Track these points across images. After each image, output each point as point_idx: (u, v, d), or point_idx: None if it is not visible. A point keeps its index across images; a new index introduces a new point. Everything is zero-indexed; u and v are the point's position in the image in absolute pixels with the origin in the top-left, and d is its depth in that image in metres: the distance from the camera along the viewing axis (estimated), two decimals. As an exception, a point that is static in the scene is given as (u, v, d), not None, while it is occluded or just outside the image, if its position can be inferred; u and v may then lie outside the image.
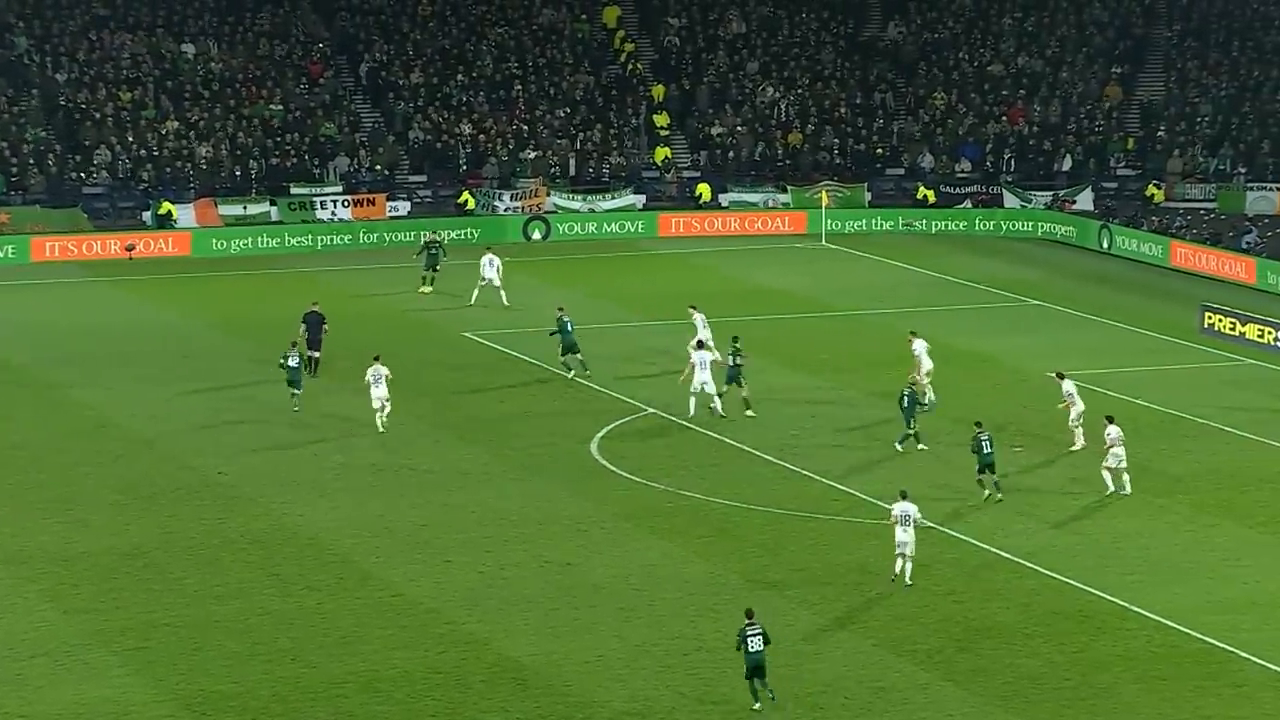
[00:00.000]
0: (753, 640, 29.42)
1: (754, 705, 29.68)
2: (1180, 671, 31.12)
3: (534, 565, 36.21)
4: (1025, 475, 41.38)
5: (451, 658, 31.81)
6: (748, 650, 29.45)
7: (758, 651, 29.31)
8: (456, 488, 41.07)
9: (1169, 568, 35.96)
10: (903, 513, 35.22)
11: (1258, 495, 40.42)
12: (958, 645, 32.19)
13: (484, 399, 48.49)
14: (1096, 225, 70.18)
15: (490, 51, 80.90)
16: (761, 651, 29.33)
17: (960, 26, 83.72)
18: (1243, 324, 54.27)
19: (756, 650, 29.33)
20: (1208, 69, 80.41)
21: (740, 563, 36.14)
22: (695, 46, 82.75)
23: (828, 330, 55.37)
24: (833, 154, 78.21)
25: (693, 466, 42.40)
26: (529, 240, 71.59)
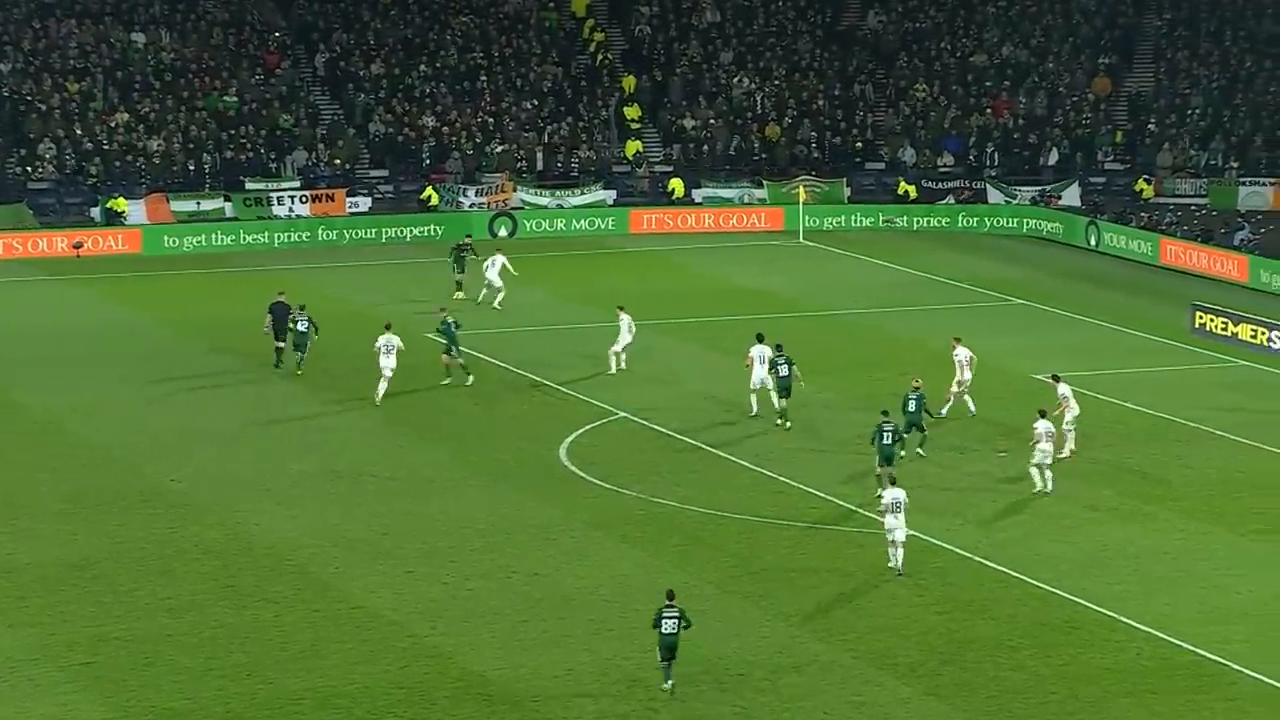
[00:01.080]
0: (667, 623, 30.56)
1: (664, 684, 30.65)
2: (1171, 684, 31.22)
3: (500, 576, 36.17)
4: (1010, 480, 41.45)
5: (414, 673, 31.76)
6: (661, 631, 30.60)
7: (670, 634, 30.49)
8: (419, 495, 41.01)
9: (1159, 577, 36.08)
10: (893, 499, 35.90)
11: (1250, 502, 40.59)
12: (941, 658, 32.25)
13: (448, 402, 48.42)
14: (1084, 221, 70.38)
15: (454, 41, 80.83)
16: (675, 634, 30.45)
17: (942, 15, 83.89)
18: (1235, 324, 54.48)
19: (669, 632, 30.50)
20: (1198, 59, 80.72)
21: (715, 572, 36.15)
22: (667, 36, 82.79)
23: (805, 331, 55.39)
24: (810, 148, 78.31)
25: (665, 472, 42.41)
26: (495, 237, 71.49)
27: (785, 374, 45.00)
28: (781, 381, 45.06)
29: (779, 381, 45.10)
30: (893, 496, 36.05)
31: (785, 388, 45.06)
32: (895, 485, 36.43)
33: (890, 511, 35.85)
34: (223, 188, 72.92)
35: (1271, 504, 40.45)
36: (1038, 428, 40.64)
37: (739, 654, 32.38)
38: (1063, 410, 42.68)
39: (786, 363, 45.14)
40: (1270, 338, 53.07)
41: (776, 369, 45.15)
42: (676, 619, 30.63)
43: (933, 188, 76.41)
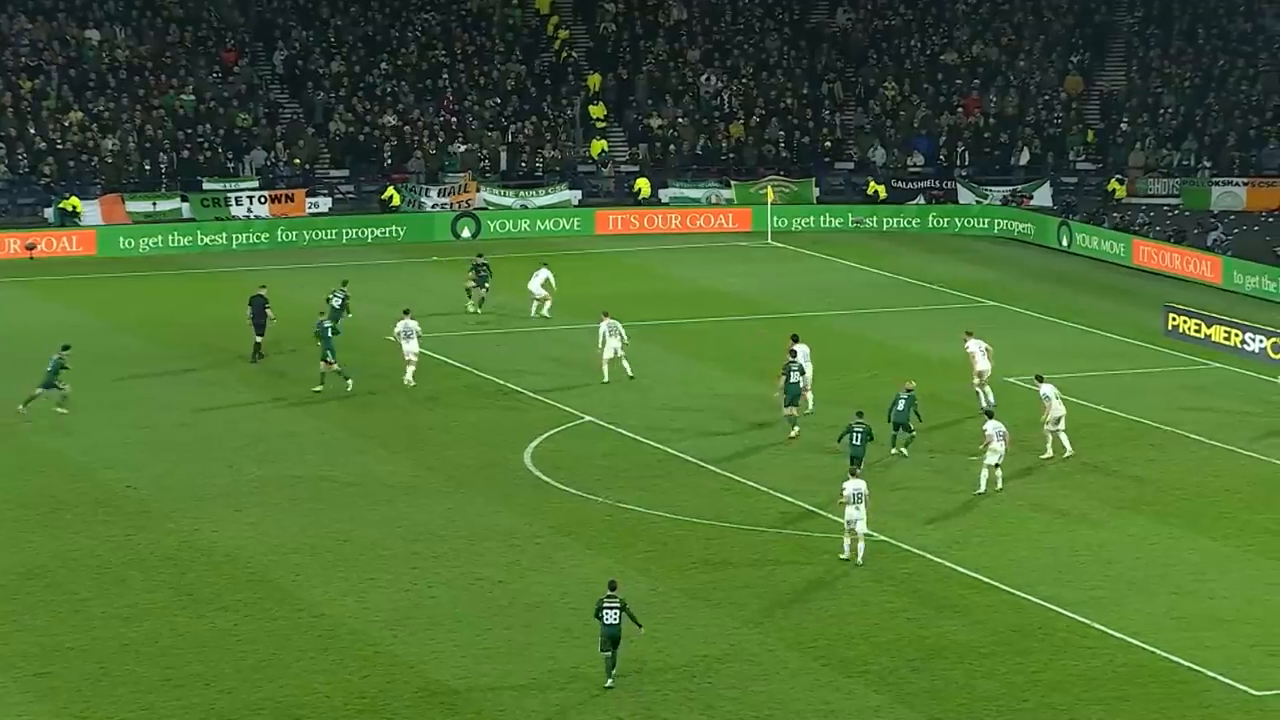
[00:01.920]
0: (609, 613, 31.09)
1: (608, 681, 31.06)
2: (1144, 692, 31.34)
3: (464, 583, 36.15)
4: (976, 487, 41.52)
5: (376, 682, 31.72)
6: (604, 622, 31.08)
7: (612, 624, 31.04)
8: (381, 501, 40.95)
9: (1131, 582, 36.22)
10: (854, 490, 36.57)
11: (1224, 506, 40.78)
12: (911, 665, 32.33)
13: (410, 406, 48.38)
14: (1055, 222, 70.62)
15: (416, 38, 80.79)
16: (617, 625, 30.97)
17: (912, 13, 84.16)
18: (1208, 326, 54.72)
19: (612, 623, 31.05)
20: (1170, 58, 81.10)
21: (682, 578, 36.18)
22: (633, 34, 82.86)
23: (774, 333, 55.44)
24: (779, 147, 78.45)
25: (632, 478, 42.43)
26: (458, 238, 71.48)
27: (795, 381, 44.76)
28: (791, 389, 44.76)
29: (789, 389, 44.74)
30: (854, 488, 36.77)
31: (795, 396, 44.82)
32: (857, 476, 37.11)
33: (851, 503, 36.63)
34: (180, 188, 72.76)
35: (1244, 508, 40.65)
36: (987, 429, 40.95)
37: (706, 660, 32.41)
38: (1046, 412, 42.95)
39: (799, 371, 44.92)
40: (1244, 339, 53.33)
41: (789, 375, 44.82)
42: (618, 609, 31.12)
43: (902, 188, 76.62)
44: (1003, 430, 40.99)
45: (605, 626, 31.18)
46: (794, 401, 44.79)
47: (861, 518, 36.61)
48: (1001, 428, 41.06)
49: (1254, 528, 39.33)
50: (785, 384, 44.82)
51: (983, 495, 40.79)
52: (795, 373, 44.94)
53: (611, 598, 31.31)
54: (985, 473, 40.94)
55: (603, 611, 31.22)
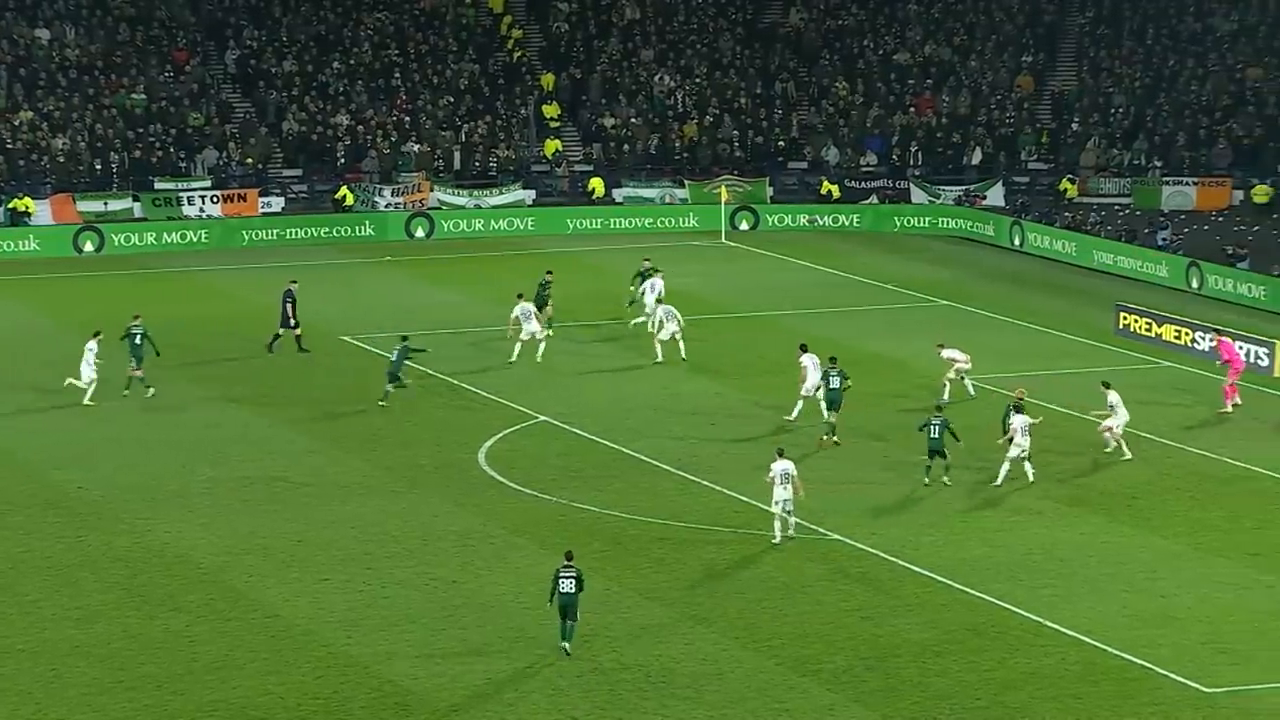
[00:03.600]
0: (564, 582, 32.07)
1: (562, 643, 32.10)
2: (1096, 690, 31.47)
3: (418, 583, 36.06)
4: (932, 486, 41.65)
5: (330, 683, 31.61)
6: (559, 591, 32.09)
7: (568, 593, 32.03)
8: (335, 501, 40.83)
9: (1084, 580, 36.37)
10: (781, 471, 37.39)
11: (1175, 504, 40.98)
12: (866, 664, 32.39)
13: (364, 406, 48.24)
14: (1008, 222, 70.86)
15: (369, 38, 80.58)
16: (572, 594, 31.99)
17: (865, 13, 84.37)
18: (1159, 325, 54.98)
19: (567, 592, 32.05)
20: (1121, 58, 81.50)
21: (637, 579, 36.17)
22: (586, 33, 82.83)
23: (728, 332, 55.51)
24: (732, 146, 78.53)
25: (587, 477, 42.40)
26: (412, 238, 71.35)
27: (835, 386, 44.24)
28: (831, 395, 44.23)
29: (829, 394, 44.21)
30: (781, 468, 37.59)
31: (835, 401, 44.21)
32: (783, 457, 37.88)
33: (779, 483, 37.41)
34: (131, 187, 72.41)
35: (1195, 506, 40.86)
36: (1014, 422, 41.16)
37: (661, 661, 32.41)
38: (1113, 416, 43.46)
39: (839, 375, 44.42)
40: (1194, 338, 53.60)
41: (828, 380, 44.31)
42: (574, 579, 32.00)
43: (856, 187, 76.80)
44: (1028, 424, 41.11)
45: (560, 595, 32.09)
46: (833, 407, 44.24)
47: (789, 497, 37.47)
48: (1026, 421, 41.20)
49: (1204, 525, 39.54)
50: (825, 391, 44.25)
51: (998, 486, 41.05)
52: (836, 378, 44.36)
53: (568, 567, 32.17)
54: (1007, 465, 41.26)
55: (558, 580, 32.12)
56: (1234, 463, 43.58)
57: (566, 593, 32.09)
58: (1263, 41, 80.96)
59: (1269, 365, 51.06)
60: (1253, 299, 60.16)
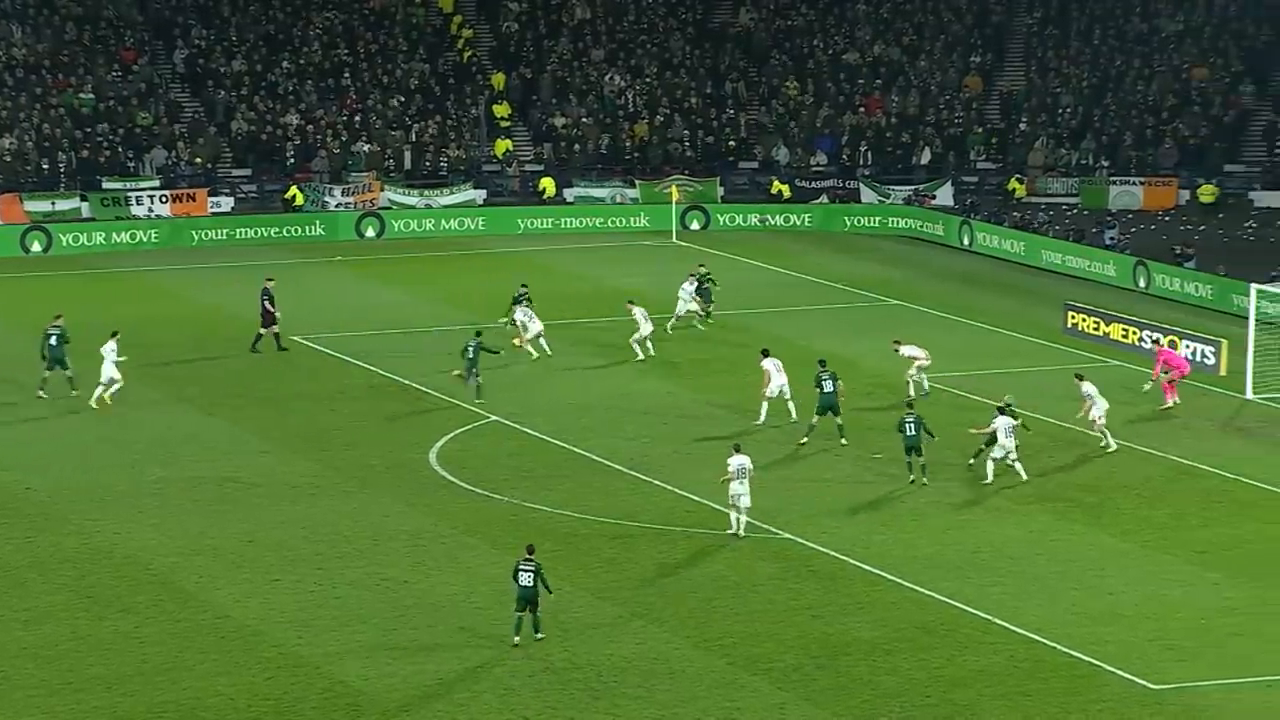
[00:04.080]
0: (524, 575, 32.55)
1: (514, 638, 32.43)
2: (1044, 687, 31.62)
3: (369, 584, 35.99)
4: (883, 484, 41.79)
5: (280, 683, 31.52)
6: (519, 584, 32.56)
7: (527, 586, 32.50)
8: (285, 501, 40.71)
9: (1032, 578, 36.53)
10: (739, 465, 37.68)
11: (1122, 502, 41.20)
12: (816, 663, 32.47)
13: (314, 406, 48.12)
14: (957, 221, 71.12)
15: (318, 37, 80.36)
16: (531, 587, 32.44)
17: (814, 13, 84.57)
18: (1106, 324, 55.26)
19: (526, 585, 32.51)
20: (1068, 58, 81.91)
21: (588, 578, 36.17)
22: (537, 33, 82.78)
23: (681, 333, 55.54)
24: (683, 146, 78.60)
25: (539, 477, 42.38)
26: (362, 238, 71.18)
27: (830, 389, 44.05)
28: (826, 399, 43.98)
29: (824, 399, 43.96)
30: (738, 463, 37.85)
31: (831, 405, 43.96)
32: (740, 452, 38.11)
33: (736, 478, 37.66)
34: (79, 187, 72.02)
35: (1142, 504, 41.09)
36: (996, 423, 41.29)
37: (612, 660, 32.43)
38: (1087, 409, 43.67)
39: (831, 378, 44.19)
40: (1141, 337, 53.90)
41: (821, 385, 43.98)
42: (533, 572, 32.48)
43: (806, 187, 76.95)
44: (1011, 425, 41.26)
45: (520, 588, 32.50)
46: (829, 409, 43.97)
47: (746, 492, 37.73)
48: (1011, 422, 41.34)
49: (1151, 523, 39.78)
50: (820, 395, 44.08)
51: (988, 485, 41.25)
52: (829, 381, 44.10)
53: (529, 560, 32.64)
54: (992, 465, 41.45)
55: (518, 573, 32.55)
56: (1181, 460, 43.86)
57: (525, 585, 32.50)
58: (1208, 42, 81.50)
59: (1215, 364, 51.40)
60: (1199, 298, 60.55)
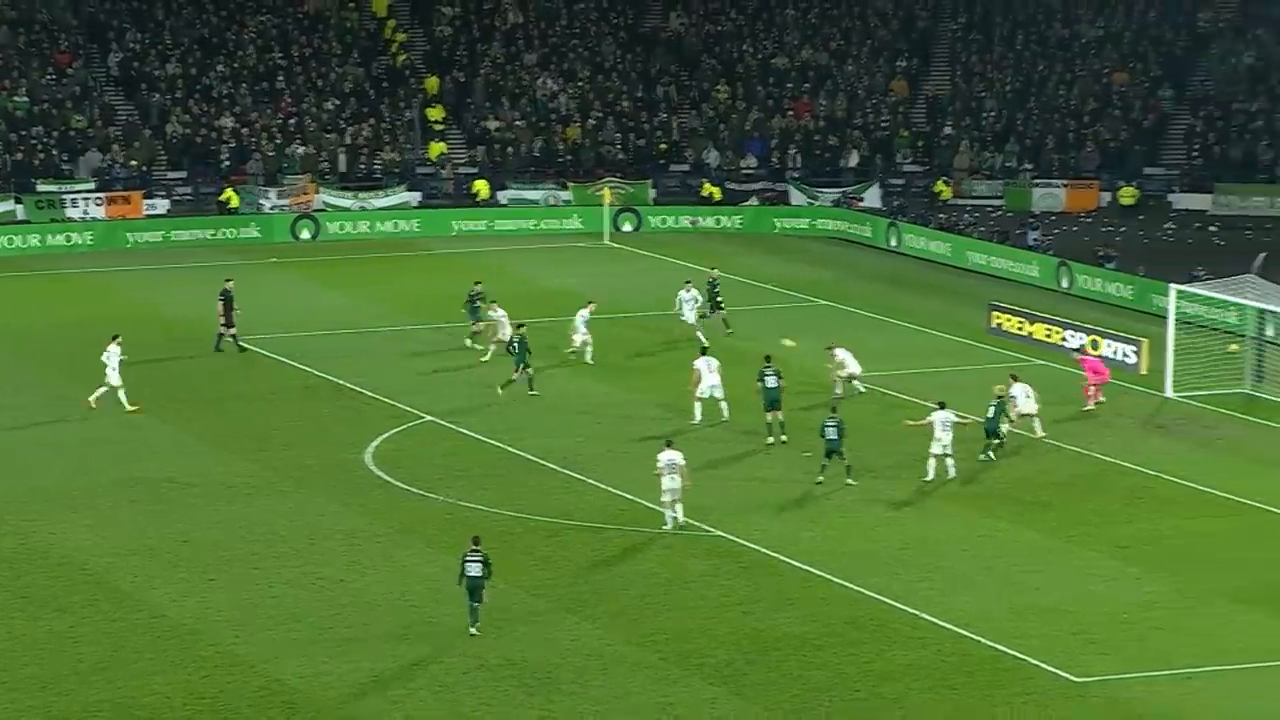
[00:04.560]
0: (471, 565, 32.91)
1: (472, 630, 32.74)
2: (971, 680, 31.79)
3: (305, 583, 35.84)
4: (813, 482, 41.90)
5: (216, 682, 31.35)
6: (467, 574, 32.93)
7: (474, 576, 32.86)
8: (221, 501, 40.49)
9: (959, 574, 36.73)
10: (669, 460, 37.93)
11: (1045, 498, 41.46)
12: (747, 658, 32.55)
13: (250, 407, 47.88)
14: (884, 223, 71.40)
15: (253, 41, 79.94)
16: (479, 577, 32.82)
17: (743, 18, 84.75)
18: (1030, 323, 55.59)
19: (473, 575, 32.88)
20: (992, 63, 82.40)
21: (523, 576, 36.12)
22: (470, 37, 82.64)
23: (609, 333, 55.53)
24: (615, 149, 78.61)
25: (474, 476, 42.31)
26: (297, 240, 70.87)
27: (774, 386, 44.12)
28: (771, 394, 44.01)
29: (769, 394, 44.00)
30: (668, 459, 38.04)
31: (774, 400, 44.04)
32: (671, 448, 38.25)
33: (666, 473, 37.86)
34: (13, 189, 71.38)
35: (1066, 500, 41.37)
36: (933, 419, 41.55)
37: (546, 657, 32.41)
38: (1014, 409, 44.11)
39: (775, 374, 44.26)
40: (1064, 336, 54.25)
41: (764, 381, 44.05)
42: (480, 563, 32.81)
43: (736, 189, 77.11)
44: (948, 420, 41.47)
45: (468, 578, 32.83)
46: (774, 406, 44.13)
47: (677, 487, 37.84)
48: (949, 417, 41.56)
49: (1074, 519, 40.05)
50: (764, 390, 44.16)
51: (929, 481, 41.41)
52: (772, 377, 44.17)
53: (475, 551, 32.97)
54: (933, 462, 41.61)
55: (466, 564, 32.87)
56: (1103, 458, 44.18)
57: (472, 575, 32.82)
58: (1127, 47, 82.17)
59: (1135, 363, 51.80)
60: (1120, 298, 61.00)
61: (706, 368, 45.80)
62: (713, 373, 45.65)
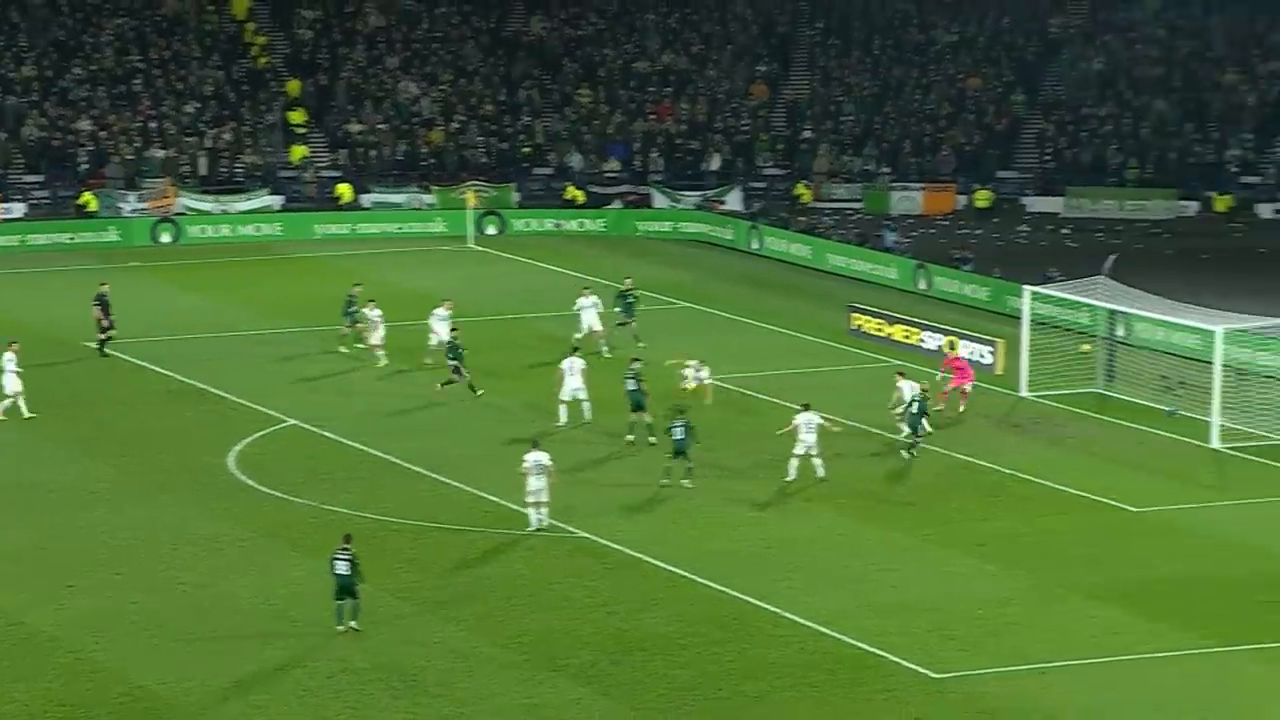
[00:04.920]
0: (338, 564, 32.91)
1: (338, 627, 32.76)
2: (832, 678, 32.08)
3: (167, 587, 35.46)
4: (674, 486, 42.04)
5: (77, 689, 30.94)
6: (335, 572, 32.94)
7: (342, 575, 32.84)
8: (82, 507, 39.95)
9: (820, 573, 37.03)
10: (534, 461, 37.90)
11: (905, 498, 41.90)
12: (611, 658, 32.62)
13: (112, 412, 47.28)
14: (746, 226, 71.79)
15: (110, 43, 78.91)
16: (348, 575, 32.79)
17: (605, 22, 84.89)
18: (889, 325, 56.16)
19: (341, 574, 32.86)
20: (850, 68, 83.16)
21: (389, 579, 35.95)
22: (331, 40, 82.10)
23: (474, 335, 55.38)
24: (478, 153, 78.45)
25: (338, 479, 42.07)
26: (158, 244, 70.05)
27: (634, 389, 44.06)
28: (633, 396, 44.03)
29: (632, 396, 44.03)
30: (534, 459, 38.04)
31: (638, 403, 44.06)
32: (538, 449, 38.25)
33: (533, 474, 37.89)
34: None
35: (924, 498, 41.84)
36: (797, 421, 41.70)
37: (411, 659, 32.30)
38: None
39: (635, 378, 44.19)
40: (922, 338, 54.86)
41: (626, 383, 44.03)
42: (348, 561, 32.82)
43: (600, 192, 77.21)
44: (813, 422, 41.64)
45: (336, 576, 32.84)
46: (639, 408, 44.12)
47: (544, 488, 37.84)
48: (814, 419, 41.70)
49: (933, 518, 40.52)
50: (627, 393, 44.22)
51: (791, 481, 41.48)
52: (631, 380, 44.16)
53: (345, 549, 33.01)
54: (795, 462, 41.72)
55: (334, 562, 32.90)
56: (961, 457, 44.71)
57: (341, 574, 32.77)
58: (981, 52, 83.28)
59: (991, 363, 52.48)
60: (976, 299, 61.75)
61: (569, 369, 45.83)
62: (575, 374, 45.69)
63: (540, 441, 39.44)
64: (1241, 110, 79.52)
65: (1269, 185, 77.36)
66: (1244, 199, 76.29)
